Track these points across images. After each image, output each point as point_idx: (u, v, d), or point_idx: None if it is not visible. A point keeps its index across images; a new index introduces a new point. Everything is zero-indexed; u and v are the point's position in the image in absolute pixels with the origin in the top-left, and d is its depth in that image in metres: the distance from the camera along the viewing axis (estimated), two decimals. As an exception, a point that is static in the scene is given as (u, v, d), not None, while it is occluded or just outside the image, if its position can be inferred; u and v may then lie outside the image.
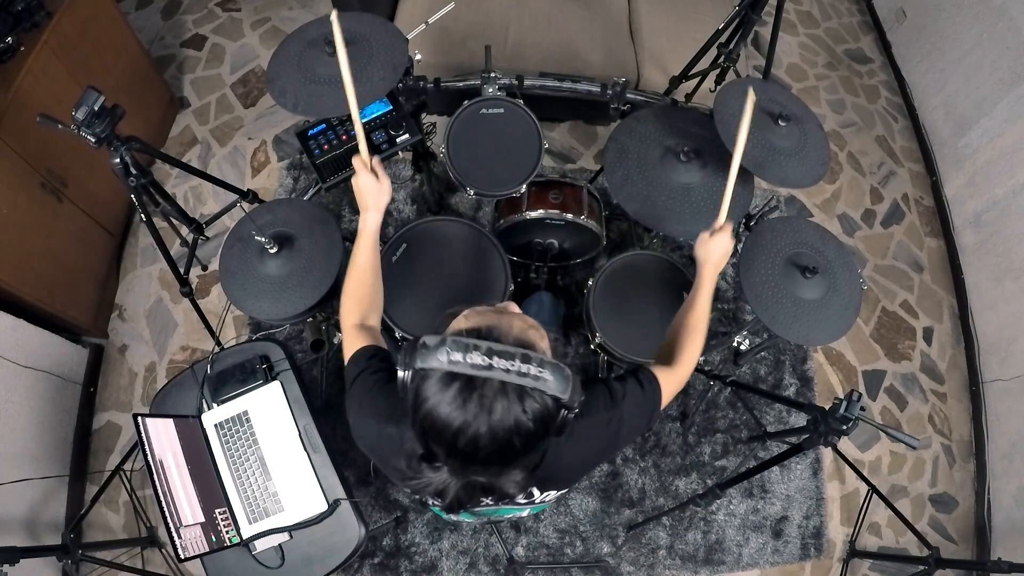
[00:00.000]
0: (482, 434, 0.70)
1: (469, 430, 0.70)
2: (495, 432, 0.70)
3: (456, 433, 0.71)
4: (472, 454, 0.72)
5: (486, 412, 0.70)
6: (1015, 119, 2.30)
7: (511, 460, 0.75)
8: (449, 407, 0.71)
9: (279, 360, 1.56)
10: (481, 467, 0.76)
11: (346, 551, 1.40)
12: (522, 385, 0.71)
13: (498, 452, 0.72)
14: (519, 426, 0.71)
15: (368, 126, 1.81)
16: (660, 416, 1.02)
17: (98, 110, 1.29)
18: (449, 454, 0.75)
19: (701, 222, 1.62)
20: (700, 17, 2.45)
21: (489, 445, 0.71)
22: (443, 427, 0.71)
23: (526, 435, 0.72)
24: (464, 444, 0.71)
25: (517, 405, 0.70)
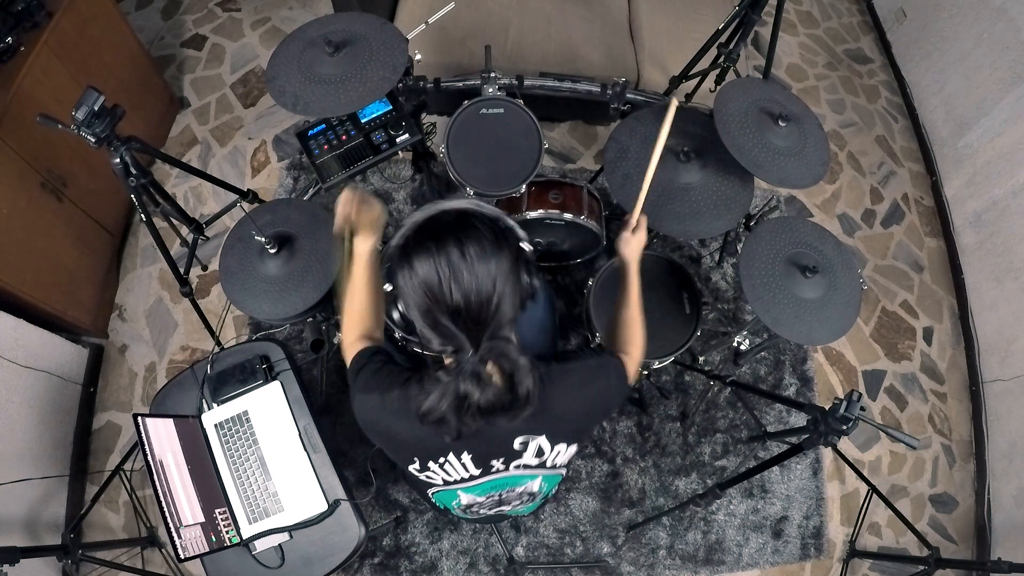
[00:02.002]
0: (468, 270, 0.83)
1: (453, 266, 0.82)
2: (482, 265, 0.83)
3: (443, 279, 0.83)
4: (466, 299, 0.83)
5: (470, 249, 0.83)
6: (1015, 119, 2.30)
7: (503, 303, 0.85)
8: (428, 257, 0.83)
9: (279, 360, 1.56)
10: (484, 318, 0.85)
11: (346, 551, 1.40)
12: (479, 213, 0.88)
13: (490, 291, 0.84)
14: (485, 245, 0.84)
15: (368, 126, 1.82)
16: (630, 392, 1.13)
17: (98, 110, 1.29)
18: (454, 310, 0.84)
19: (701, 222, 1.63)
20: (700, 17, 2.45)
21: (482, 280, 0.83)
22: (433, 279, 0.83)
23: (503, 269, 0.85)
24: (453, 288, 0.83)
25: (474, 231, 0.85)
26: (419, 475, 1.05)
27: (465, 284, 0.83)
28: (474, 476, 1.04)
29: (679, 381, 2.25)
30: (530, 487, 1.14)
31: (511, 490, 1.14)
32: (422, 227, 0.87)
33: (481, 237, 0.84)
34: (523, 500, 1.20)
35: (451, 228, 0.85)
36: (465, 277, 0.82)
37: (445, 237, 0.84)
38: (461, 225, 0.85)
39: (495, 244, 0.85)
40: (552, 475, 1.11)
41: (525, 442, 0.99)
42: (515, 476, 1.07)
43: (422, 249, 0.84)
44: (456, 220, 0.86)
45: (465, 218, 0.86)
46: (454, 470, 1.02)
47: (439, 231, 0.85)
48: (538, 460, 1.03)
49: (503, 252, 0.85)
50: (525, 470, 1.05)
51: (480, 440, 0.96)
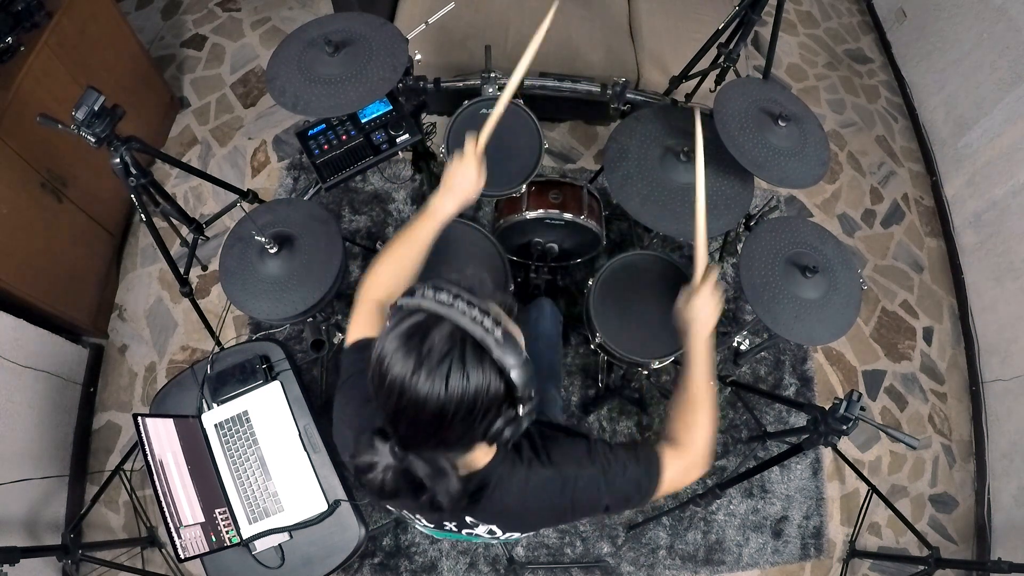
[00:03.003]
0: (420, 385, 0.69)
1: (412, 379, 0.69)
2: (434, 386, 0.69)
3: (399, 382, 0.70)
4: (404, 409, 0.71)
5: (433, 361, 0.69)
6: (1015, 119, 2.30)
7: (448, 433, 0.73)
8: (399, 351, 0.70)
9: (279, 360, 1.56)
10: (417, 433, 0.74)
11: (346, 551, 1.40)
12: (473, 337, 0.70)
13: (436, 416, 0.70)
14: (453, 388, 0.69)
15: (368, 126, 1.81)
16: (648, 500, 0.95)
17: (98, 110, 1.29)
18: (392, 413, 0.73)
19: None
20: (700, 17, 2.45)
21: (428, 402, 0.69)
22: (389, 374, 0.71)
23: (461, 402, 0.70)
24: (405, 397, 0.70)
25: (461, 363, 0.69)
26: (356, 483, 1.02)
27: (412, 398, 0.70)
28: (427, 526, 1.02)
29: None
30: (488, 543, 1.11)
31: (470, 543, 1.10)
32: (418, 324, 0.72)
33: (464, 373, 0.70)
34: (488, 546, 1.17)
35: (444, 343, 0.70)
36: (419, 391, 0.70)
37: (430, 351, 0.70)
38: (456, 347, 0.71)
39: (476, 390, 0.71)
40: (510, 539, 1.07)
41: (475, 522, 0.94)
42: (469, 536, 1.02)
43: (402, 342, 0.71)
44: (456, 338, 0.71)
45: (464, 342, 0.71)
46: (409, 515, 1.00)
47: (428, 339, 0.71)
48: (491, 536, 0.98)
49: (479, 400, 0.72)
50: (479, 538, 1.01)
51: (436, 509, 0.87)
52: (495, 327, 0.71)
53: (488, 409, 0.73)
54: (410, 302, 0.74)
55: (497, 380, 0.72)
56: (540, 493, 0.89)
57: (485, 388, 0.71)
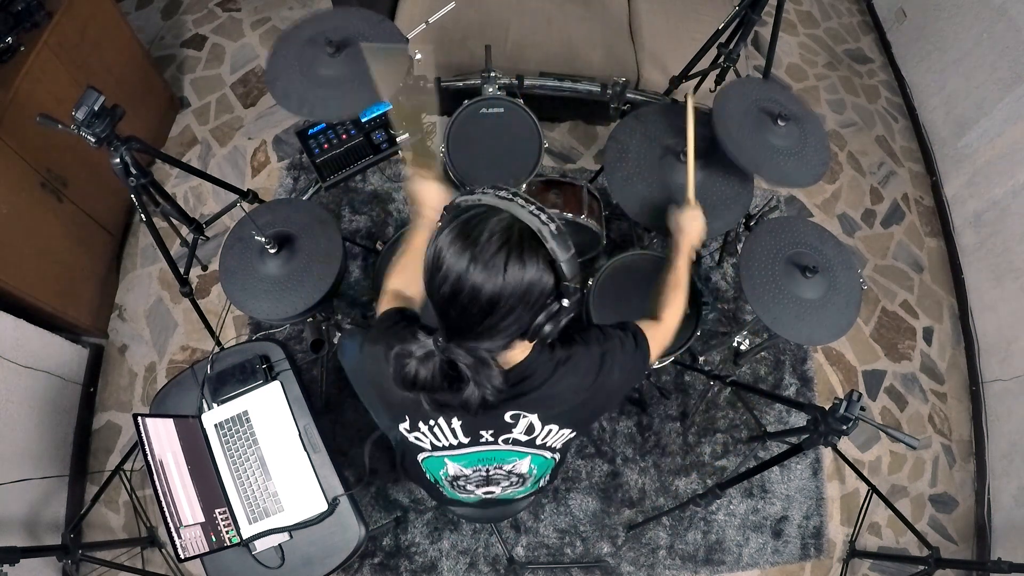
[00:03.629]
0: (477, 273, 0.74)
1: (470, 266, 0.74)
2: (490, 274, 0.74)
3: (456, 270, 0.75)
4: (457, 296, 0.76)
5: (491, 249, 0.74)
6: (1015, 119, 2.30)
7: (495, 318, 0.77)
8: (457, 240, 0.76)
9: (279, 360, 1.56)
10: (466, 322, 0.78)
11: (346, 551, 1.40)
12: (530, 228, 0.76)
13: (489, 303, 0.76)
14: (510, 277, 0.75)
15: (368, 125, 1.81)
16: (651, 368, 1.15)
17: (98, 110, 1.29)
18: (442, 300, 0.78)
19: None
20: (700, 17, 2.45)
21: (483, 290, 0.75)
22: (445, 263, 0.76)
23: (515, 291, 0.76)
24: (461, 283, 0.75)
25: (520, 252, 0.75)
26: (408, 435, 1.03)
27: (468, 286, 0.76)
28: (463, 444, 1.02)
29: (679, 381, 2.25)
30: (518, 467, 1.11)
31: (499, 467, 1.10)
32: (478, 215, 0.78)
33: (522, 261, 0.75)
34: (512, 482, 1.17)
35: (503, 234, 0.76)
36: (475, 279, 0.75)
37: (489, 238, 0.75)
38: (514, 236, 0.76)
39: (531, 280, 0.77)
40: (543, 458, 1.09)
41: (516, 416, 0.97)
42: (503, 451, 1.05)
43: (460, 232, 0.76)
44: (514, 229, 0.77)
45: (522, 233, 0.76)
46: (443, 435, 1.00)
47: (487, 229, 0.76)
48: (527, 437, 1.01)
49: (523, 284, 0.77)
50: (514, 446, 1.03)
51: (474, 407, 0.91)
52: (550, 221, 0.78)
53: (538, 299, 0.79)
54: (469, 199, 0.79)
55: (548, 272, 0.78)
56: (575, 372, 0.96)
57: (538, 278, 0.77)
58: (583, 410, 1.03)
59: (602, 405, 1.05)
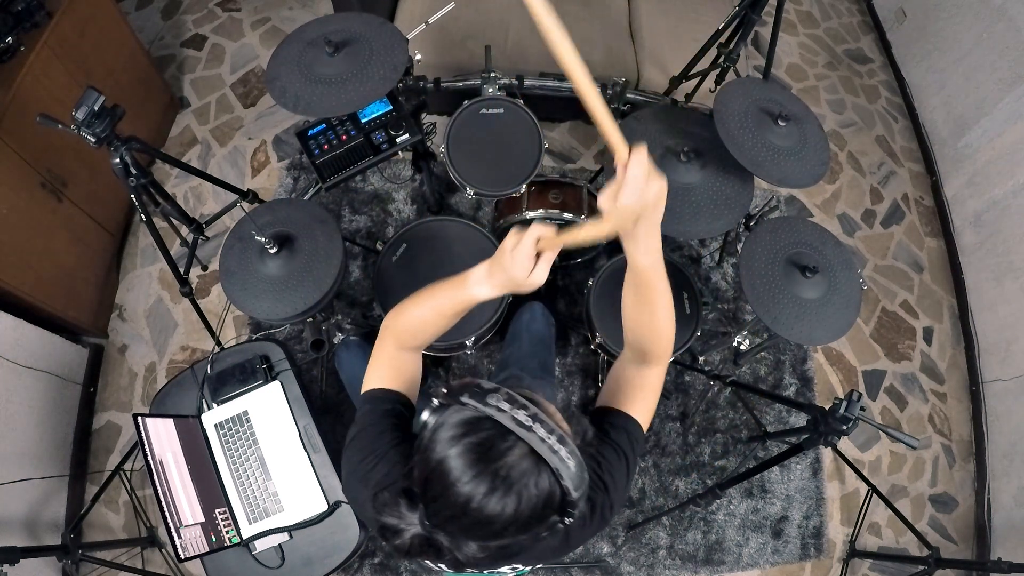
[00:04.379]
0: (492, 505, 0.67)
1: (484, 499, 0.67)
2: (504, 507, 0.67)
3: (466, 498, 0.67)
4: (459, 514, 0.69)
5: (499, 476, 0.67)
6: (1015, 119, 2.30)
7: (487, 535, 0.71)
8: (465, 456, 0.68)
9: (279, 360, 1.56)
10: (456, 528, 0.72)
11: (346, 551, 1.40)
12: (545, 461, 0.68)
13: (483, 522, 0.69)
14: (519, 502, 0.68)
15: (368, 126, 1.81)
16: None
17: (98, 110, 1.29)
18: (436, 503, 0.71)
19: (701, 222, 1.63)
20: (700, 17, 2.45)
21: (491, 520, 0.68)
22: (454, 487, 0.68)
23: (518, 516, 0.68)
24: (457, 499, 0.68)
25: (536, 488, 0.68)
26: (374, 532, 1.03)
27: (476, 513, 0.68)
28: (447, 571, 1.00)
29: (679, 381, 2.25)
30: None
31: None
32: (497, 435, 0.69)
33: (537, 499, 0.69)
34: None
35: (525, 470, 0.68)
36: (488, 510, 0.68)
37: (509, 472, 0.68)
38: (534, 469, 0.69)
39: (540, 514, 0.70)
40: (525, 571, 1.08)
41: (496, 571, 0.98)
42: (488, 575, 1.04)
43: (478, 456, 0.68)
44: (529, 461, 0.69)
45: (539, 465, 0.69)
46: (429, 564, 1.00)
47: (508, 460, 0.68)
48: (514, 573, 1.02)
49: (539, 520, 0.71)
50: (501, 574, 1.03)
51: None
52: (568, 453, 0.70)
53: (542, 523, 0.72)
54: (483, 409, 0.70)
55: (559, 500, 0.71)
56: (566, 535, 0.88)
57: (543, 506, 0.70)
58: (568, 547, 0.98)
59: (586, 537, 0.97)
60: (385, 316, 0.99)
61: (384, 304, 1.70)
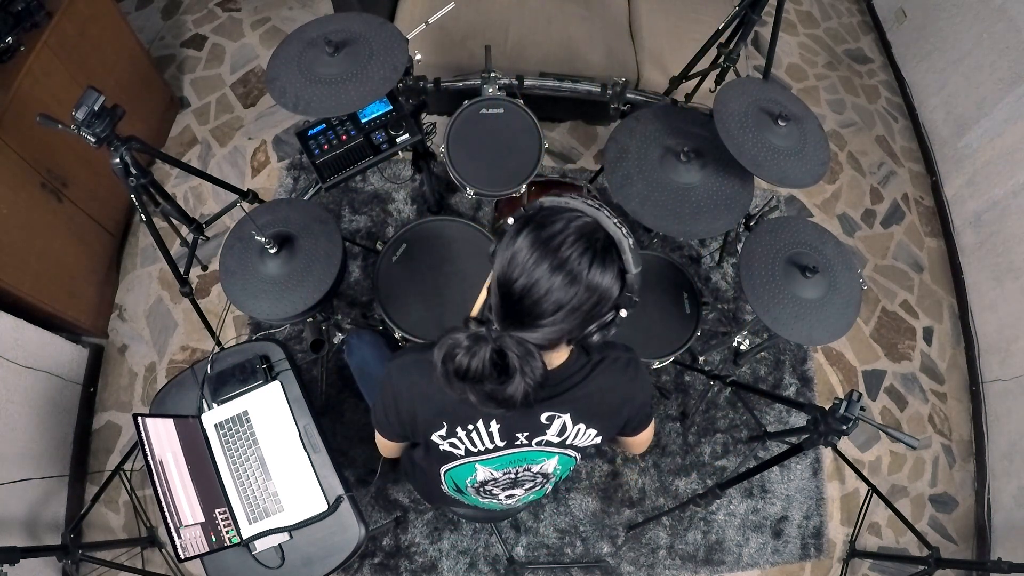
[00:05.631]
0: (552, 275, 0.77)
1: (547, 268, 0.77)
2: (565, 278, 0.77)
3: (531, 268, 0.78)
4: (530, 291, 0.79)
5: (571, 252, 0.77)
6: (1015, 119, 2.30)
7: (558, 316, 0.80)
8: (539, 240, 0.79)
9: (279, 360, 1.56)
10: (528, 314, 0.80)
11: (346, 551, 1.40)
12: (613, 239, 0.80)
13: (555, 302, 0.78)
14: (586, 282, 0.78)
15: (368, 126, 1.81)
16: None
17: (98, 110, 1.29)
18: (511, 293, 0.80)
19: (701, 222, 1.63)
20: (700, 17, 2.45)
21: (550, 291, 0.78)
22: (522, 259, 0.79)
23: (586, 297, 0.79)
24: (530, 280, 0.78)
25: (602, 261, 0.79)
26: (442, 443, 1.03)
27: (544, 285, 0.78)
28: (498, 448, 1.03)
29: (679, 381, 2.25)
30: (545, 467, 1.13)
31: (527, 468, 1.12)
32: (563, 216, 0.81)
33: (602, 268, 0.79)
34: (536, 482, 1.18)
35: (587, 240, 0.79)
36: (553, 280, 0.78)
37: (575, 242, 0.79)
38: (599, 244, 0.80)
39: (603, 288, 0.80)
40: (568, 457, 1.11)
41: (551, 417, 0.98)
42: (535, 452, 1.06)
43: (544, 232, 0.80)
44: (597, 236, 0.81)
45: (596, 234, 0.80)
46: (480, 440, 1.01)
47: (573, 232, 0.79)
48: (559, 438, 1.03)
49: (595, 290, 0.80)
50: (547, 447, 1.05)
51: (513, 408, 0.92)
52: (629, 235, 0.82)
53: (601, 307, 0.81)
54: (556, 200, 0.83)
55: (618, 283, 0.81)
56: (605, 373, 0.98)
57: (608, 287, 0.80)
58: (610, 411, 1.05)
59: (625, 410, 1.05)
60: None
61: (384, 304, 1.70)
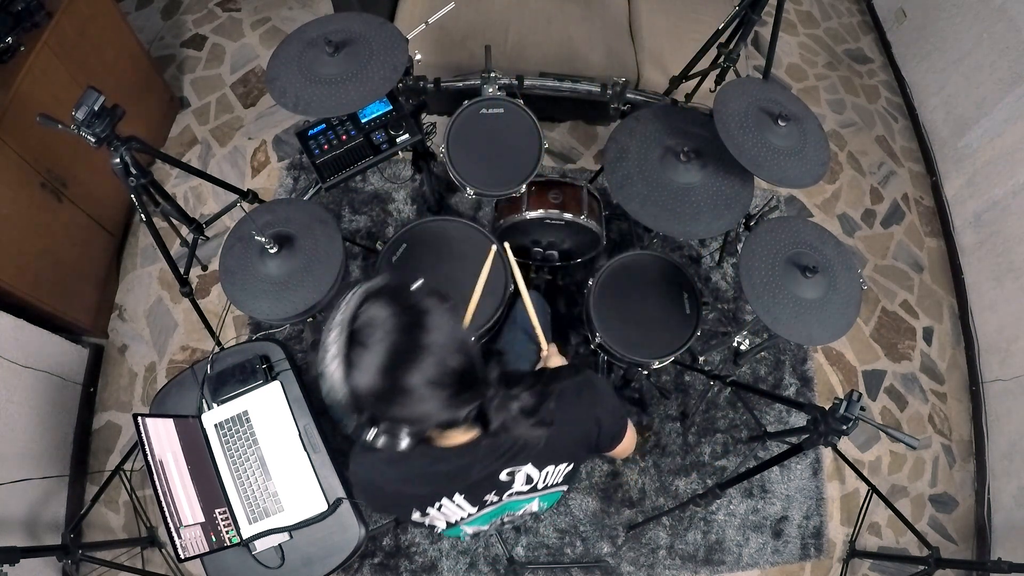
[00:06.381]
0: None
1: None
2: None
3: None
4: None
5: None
6: (1015, 119, 2.30)
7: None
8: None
9: (279, 360, 1.56)
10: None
11: (346, 551, 1.40)
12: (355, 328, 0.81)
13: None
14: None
15: (368, 126, 1.81)
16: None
17: (98, 110, 1.29)
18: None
19: (701, 222, 1.63)
20: (700, 17, 2.45)
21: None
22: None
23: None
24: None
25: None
26: (423, 521, 1.06)
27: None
28: (471, 513, 1.05)
29: (679, 381, 2.25)
30: (529, 508, 1.14)
31: (511, 514, 1.14)
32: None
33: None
34: (527, 518, 1.21)
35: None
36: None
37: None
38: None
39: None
40: (549, 495, 1.11)
41: (511, 472, 0.98)
42: (511, 503, 1.08)
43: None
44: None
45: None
46: (452, 511, 1.03)
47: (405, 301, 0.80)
48: (529, 486, 1.03)
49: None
50: (519, 496, 1.06)
51: (469, 478, 0.96)
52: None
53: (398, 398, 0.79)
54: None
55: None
56: (560, 410, 0.93)
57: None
58: (575, 442, 1.03)
59: (593, 435, 1.03)
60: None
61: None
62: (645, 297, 1.77)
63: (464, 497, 1.01)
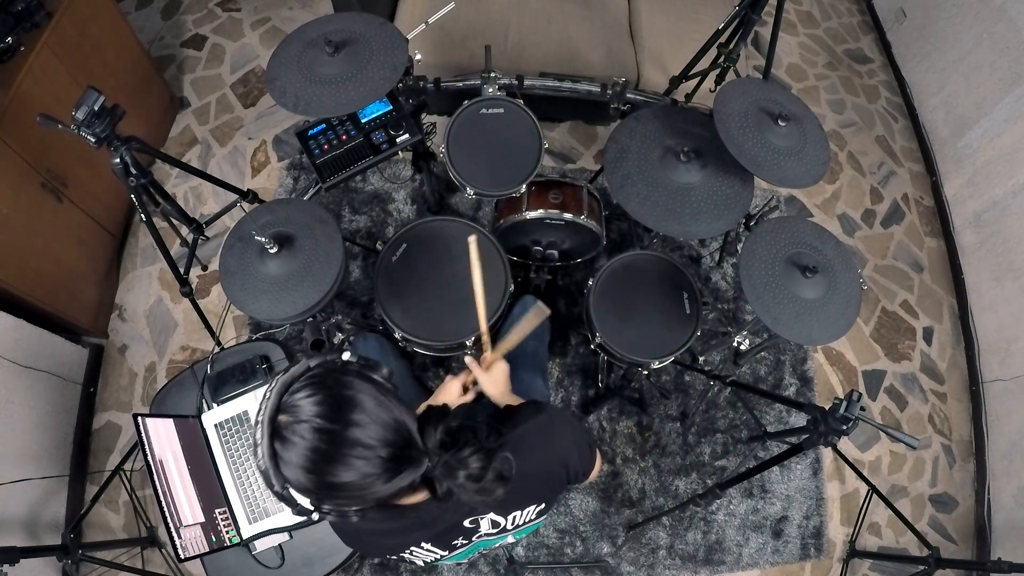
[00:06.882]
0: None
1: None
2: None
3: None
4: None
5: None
6: (1015, 119, 2.30)
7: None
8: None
9: (279, 360, 1.56)
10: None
11: (346, 551, 1.40)
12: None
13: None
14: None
15: (368, 126, 1.81)
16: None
17: (98, 110, 1.29)
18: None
19: (701, 222, 1.63)
20: (700, 17, 2.45)
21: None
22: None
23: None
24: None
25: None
26: (402, 562, 1.06)
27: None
28: (443, 554, 1.03)
29: (679, 381, 2.25)
30: (504, 542, 1.11)
31: (487, 549, 1.13)
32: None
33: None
34: (506, 546, 1.19)
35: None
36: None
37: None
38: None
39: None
40: (523, 529, 1.07)
41: (474, 520, 0.96)
42: (483, 542, 1.05)
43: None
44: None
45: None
46: (422, 554, 1.01)
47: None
48: (497, 529, 1.00)
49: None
50: (489, 537, 1.03)
51: (433, 528, 0.93)
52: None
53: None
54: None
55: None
56: (520, 453, 0.87)
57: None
58: (542, 483, 0.99)
59: (561, 472, 0.98)
60: None
61: (384, 304, 1.70)
62: (645, 297, 1.77)
63: (431, 544, 0.98)
